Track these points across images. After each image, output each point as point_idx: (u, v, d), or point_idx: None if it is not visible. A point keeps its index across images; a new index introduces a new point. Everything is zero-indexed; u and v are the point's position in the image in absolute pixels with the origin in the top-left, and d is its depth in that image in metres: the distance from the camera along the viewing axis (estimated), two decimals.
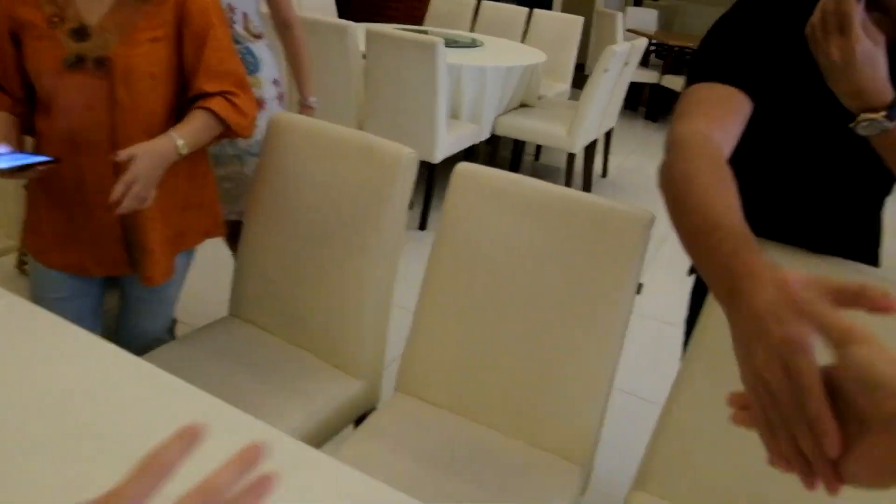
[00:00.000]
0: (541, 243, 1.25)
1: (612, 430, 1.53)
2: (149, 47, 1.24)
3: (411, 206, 1.52)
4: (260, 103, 1.72)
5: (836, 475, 0.44)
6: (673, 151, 0.83)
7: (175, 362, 1.35)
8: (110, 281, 1.47)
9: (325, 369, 1.44)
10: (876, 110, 0.82)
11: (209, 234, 1.49)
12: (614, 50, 3.30)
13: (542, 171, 4.47)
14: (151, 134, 1.25)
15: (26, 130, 1.33)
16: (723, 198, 0.69)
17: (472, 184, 1.30)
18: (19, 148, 1.27)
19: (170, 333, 1.62)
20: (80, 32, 1.21)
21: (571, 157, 3.61)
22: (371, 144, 1.40)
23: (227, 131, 1.32)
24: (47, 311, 1.06)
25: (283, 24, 1.85)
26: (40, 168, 1.18)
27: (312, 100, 1.94)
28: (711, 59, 0.96)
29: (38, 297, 1.39)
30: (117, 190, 1.15)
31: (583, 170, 3.96)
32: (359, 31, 3.23)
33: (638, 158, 5.05)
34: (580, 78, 3.46)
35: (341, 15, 4.91)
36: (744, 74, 0.92)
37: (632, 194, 4.24)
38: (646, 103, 6.25)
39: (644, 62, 6.08)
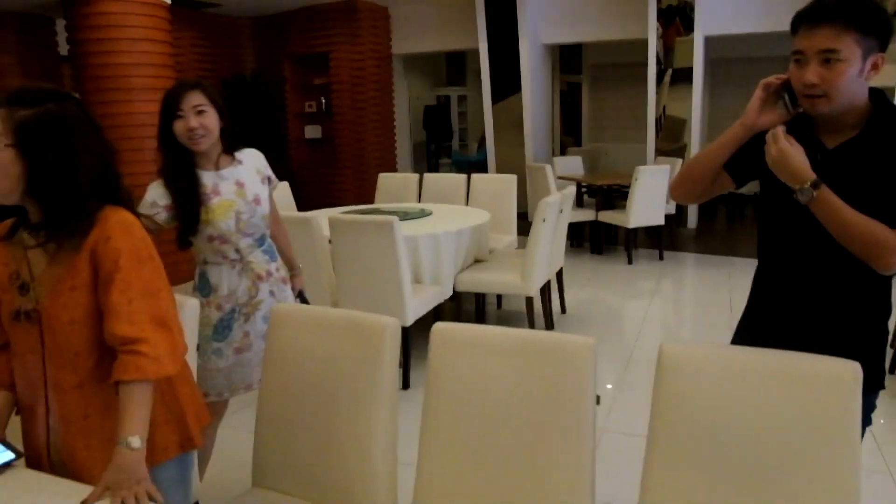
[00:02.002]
0: (512, 378, 1.52)
1: None
2: (68, 296, 1.37)
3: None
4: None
5: None
6: (678, 174, 1.67)
7: None
8: None
9: None
10: (804, 183, 1.36)
11: (184, 448, 1.56)
12: (547, 202, 3.76)
13: (505, 317, 4.80)
14: (78, 373, 1.40)
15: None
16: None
17: (448, 338, 1.59)
18: (2, 431, 1.45)
19: None
20: (24, 287, 1.40)
21: (530, 300, 3.95)
22: (358, 320, 1.69)
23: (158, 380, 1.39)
24: None
25: (275, 222, 2.38)
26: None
27: (300, 266, 2.51)
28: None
29: None
30: None
31: (542, 310, 4.30)
32: (321, 219, 3.63)
33: (591, 289, 5.45)
34: (525, 226, 3.88)
35: (298, 205, 5.39)
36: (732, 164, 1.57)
37: (592, 323, 4.57)
38: (588, 238, 6.78)
39: (579, 203, 6.68)
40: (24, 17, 5.90)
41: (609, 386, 3.53)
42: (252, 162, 2.26)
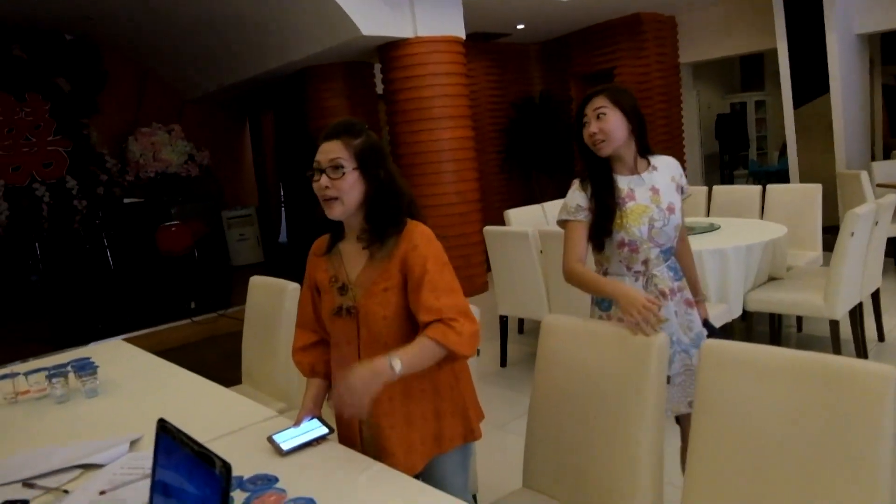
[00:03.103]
0: (789, 405, 1.40)
1: None
2: (382, 296, 1.62)
3: (669, 380, 1.76)
4: None
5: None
6: None
7: None
8: None
9: None
10: None
11: (466, 440, 1.73)
12: (857, 213, 3.33)
13: (806, 342, 4.32)
14: None
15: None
16: None
17: (718, 357, 1.52)
18: (319, 411, 1.75)
19: None
20: (343, 288, 1.67)
21: (834, 324, 3.52)
22: (625, 333, 1.70)
23: (452, 353, 1.56)
24: (411, 479, 1.46)
25: (681, 238, 2.26)
26: (315, 444, 1.62)
27: (705, 293, 2.37)
28: None
29: None
30: (334, 399, 1.52)
31: (852, 336, 3.79)
32: None
33: None
34: (834, 241, 3.48)
35: None
36: None
37: None
38: None
39: None
40: (349, 66, 6.91)
41: None
42: (667, 168, 2.19)
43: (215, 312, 5.53)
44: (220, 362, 3.67)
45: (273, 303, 2.72)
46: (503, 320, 4.42)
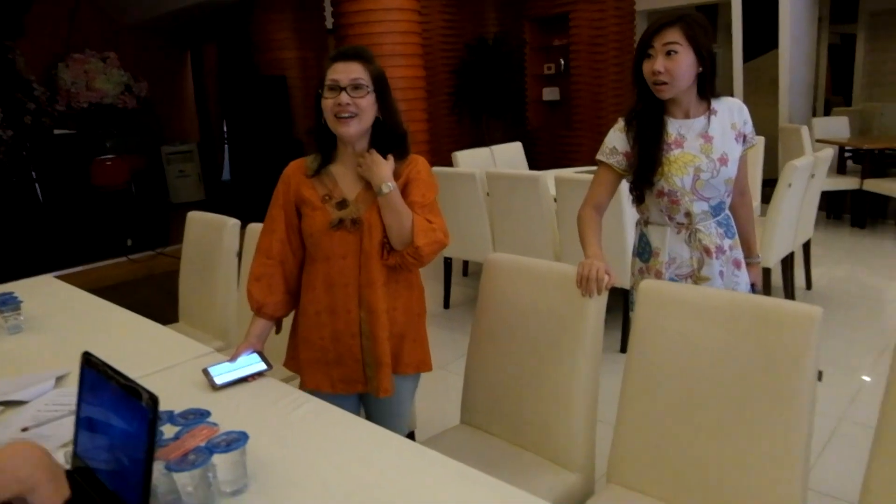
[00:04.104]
0: (720, 342, 1.44)
1: None
2: None
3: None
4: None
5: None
6: None
7: None
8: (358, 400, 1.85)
9: (545, 465, 1.69)
10: None
11: (419, 369, 1.80)
12: (795, 165, 3.41)
13: None
14: (384, 277, 1.70)
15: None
16: None
17: (654, 297, 1.55)
18: (261, 346, 1.76)
19: None
20: (342, 203, 1.71)
21: (766, 271, 3.64)
22: (567, 273, 1.71)
23: (410, 247, 1.65)
24: (347, 413, 1.45)
25: (739, 191, 2.02)
26: (251, 379, 1.64)
27: (759, 255, 2.14)
28: None
29: None
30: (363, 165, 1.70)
31: (782, 284, 3.93)
32: (549, 178, 3.67)
33: (848, 267, 4.85)
34: (772, 194, 3.57)
35: (531, 165, 5.47)
36: None
37: (842, 304, 4.08)
38: (850, 210, 6.01)
39: (841, 170, 5.93)
40: None
41: (867, 378, 3.14)
42: (729, 114, 1.91)
43: (153, 250, 5.37)
44: (157, 301, 3.57)
45: (212, 239, 2.65)
46: (447, 262, 4.43)
